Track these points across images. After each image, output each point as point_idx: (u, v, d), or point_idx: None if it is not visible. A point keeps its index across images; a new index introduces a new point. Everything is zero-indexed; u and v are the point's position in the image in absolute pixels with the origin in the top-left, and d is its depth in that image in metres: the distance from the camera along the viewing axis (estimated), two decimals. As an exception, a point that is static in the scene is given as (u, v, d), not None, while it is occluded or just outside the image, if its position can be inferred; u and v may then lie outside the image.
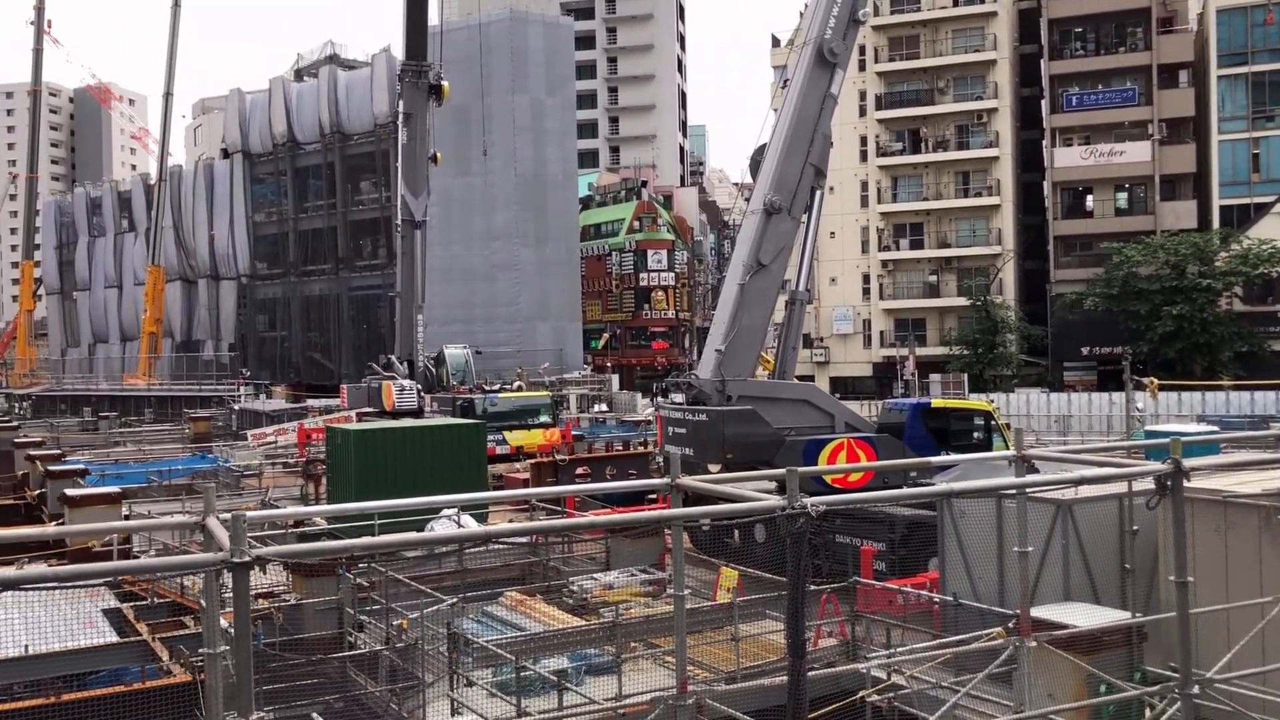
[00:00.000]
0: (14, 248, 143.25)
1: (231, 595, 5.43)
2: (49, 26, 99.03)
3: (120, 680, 14.52)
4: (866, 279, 73.86)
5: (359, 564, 16.80)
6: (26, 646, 14.42)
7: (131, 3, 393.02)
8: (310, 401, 59.71)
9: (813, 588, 14.96)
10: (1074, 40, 69.51)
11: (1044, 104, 69.71)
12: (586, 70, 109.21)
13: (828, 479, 21.05)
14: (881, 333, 73.32)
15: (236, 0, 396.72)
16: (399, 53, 53.10)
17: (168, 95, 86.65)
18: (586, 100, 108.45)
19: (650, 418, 46.41)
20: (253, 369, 76.67)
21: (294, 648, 14.60)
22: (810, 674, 9.34)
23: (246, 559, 5.01)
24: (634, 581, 19.72)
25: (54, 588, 16.25)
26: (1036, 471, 10.73)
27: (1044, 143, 69.78)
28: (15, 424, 49.41)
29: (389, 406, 43.43)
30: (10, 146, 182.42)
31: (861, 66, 70.76)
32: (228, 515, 5.18)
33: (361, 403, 46.72)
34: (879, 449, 23.76)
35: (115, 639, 15.79)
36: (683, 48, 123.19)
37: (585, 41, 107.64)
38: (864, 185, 73.49)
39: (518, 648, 14.08)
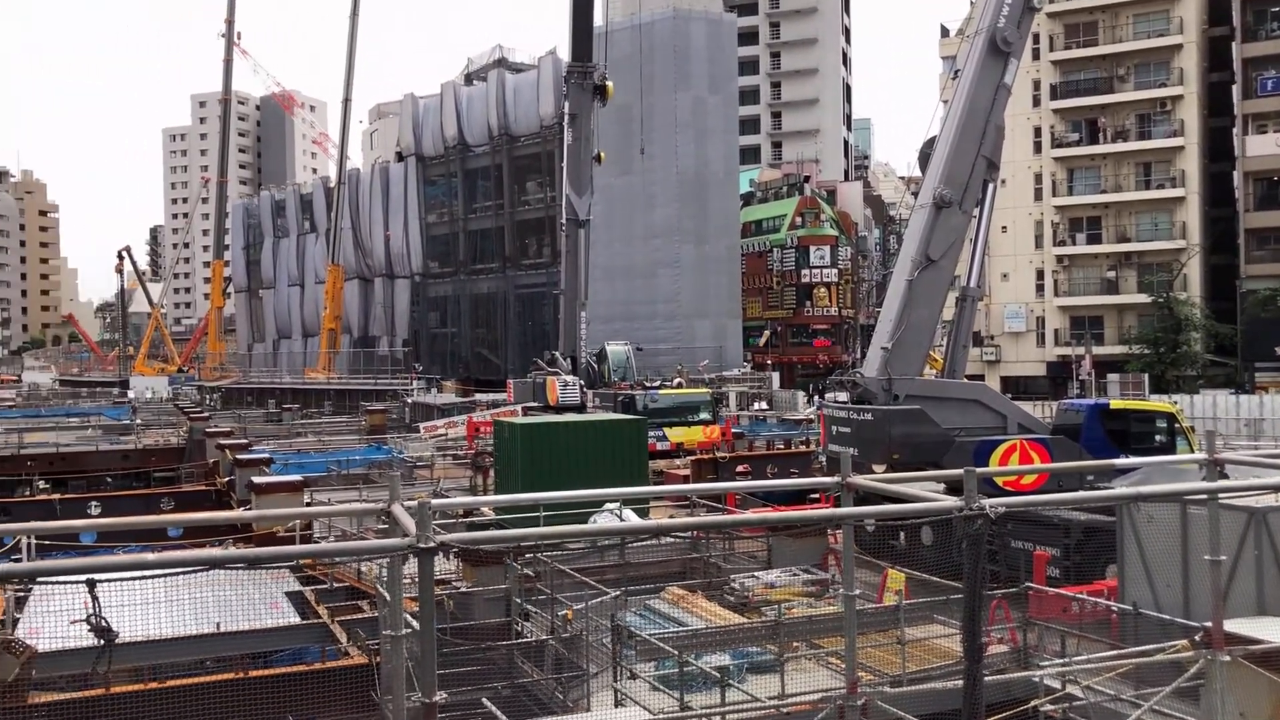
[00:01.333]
0: (206, 248, 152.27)
1: (411, 581, 5.60)
2: (238, 39, 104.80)
3: (301, 660, 15.19)
4: (1040, 275, 71.16)
5: (525, 554, 17.14)
6: (219, 624, 15.25)
7: (313, 14, 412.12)
8: (478, 396, 61.34)
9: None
10: (1270, 21, 65.27)
11: (1235, 89, 65.69)
12: (749, 66, 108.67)
13: (999, 481, 20.39)
14: (1056, 331, 70.54)
15: (410, 8, 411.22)
16: (565, 55, 54.01)
17: (346, 101, 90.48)
18: (749, 96, 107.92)
19: (812, 416, 45.88)
20: (424, 364, 79.32)
21: (464, 634, 15.00)
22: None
23: (431, 544, 5.16)
24: (796, 581, 19.50)
25: (256, 568, 17.15)
26: (1227, 478, 10.12)
27: (1234, 130, 65.78)
28: (206, 415, 52.48)
29: (553, 401, 44.24)
30: (203, 153, 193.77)
31: (1035, 55, 68.14)
32: (412, 502, 5.35)
33: (526, 397, 47.72)
34: (1054, 451, 22.87)
35: (297, 620, 16.54)
36: (848, 41, 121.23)
37: (748, 37, 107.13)
38: (1038, 178, 70.81)
39: (680, 642, 14.09)
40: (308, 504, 23.04)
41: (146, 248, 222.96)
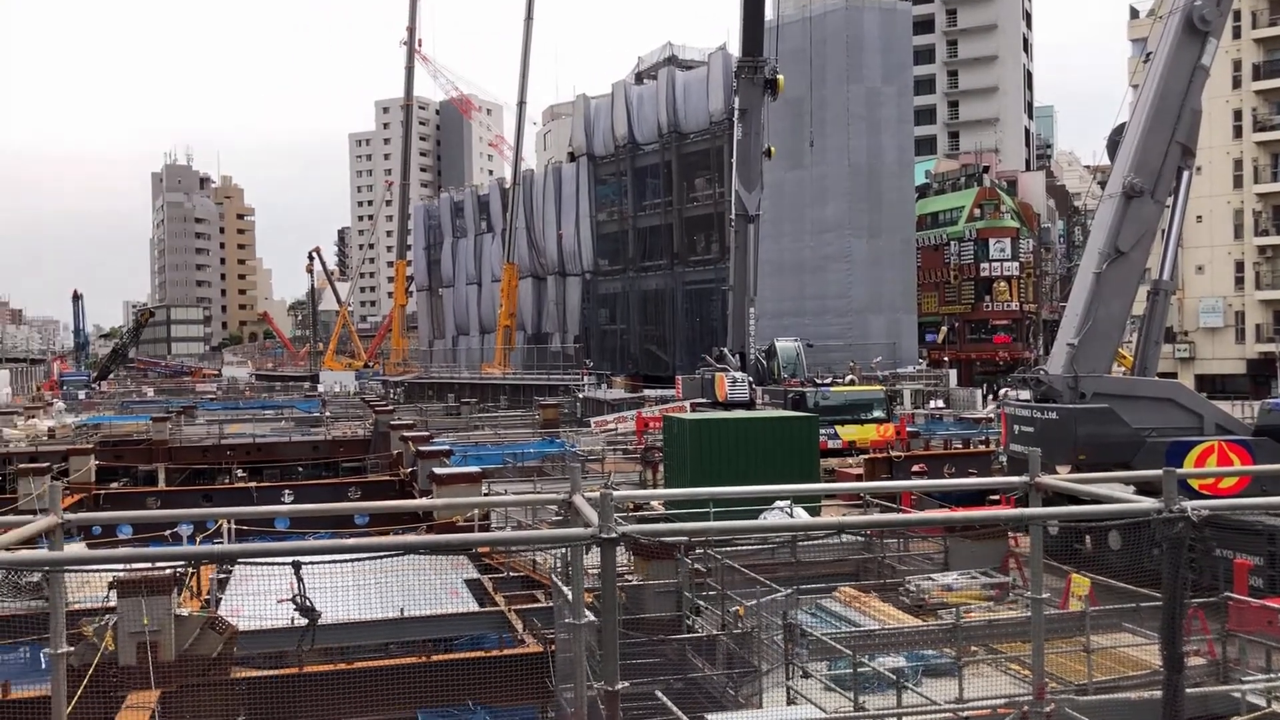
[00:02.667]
0: (389, 249, 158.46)
1: (581, 571, 5.64)
2: (419, 46, 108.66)
3: (479, 646, 15.62)
4: (1240, 267, 66.88)
5: (696, 549, 17.17)
6: (402, 609, 15.83)
7: (489, 19, 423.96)
8: (647, 391, 61.86)
9: (1179, 601, 13.70)
10: None
11: None
12: (924, 55, 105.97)
13: (1194, 485, 19.26)
14: (1257, 326, 66.18)
15: (583, 10, 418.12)
16: (735, 50, 53.85)
17: (521, 104, 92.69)
18: (924, 85, 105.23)
19: (992, 415, 44.44)
20: (595, 360, 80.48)
21: (635, 627, 15.13)
22: (1180, 694, 8.55)
23: (614, 535, 5.21)
24: (974, 584, 18.94)
25: (438, 554, 17.74)
26: None
27: None
28: (390, 408, 54.64)
29: (721, 398, 44.20)
30: (386, 157, 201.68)
31: (1236, 33, 64.09)
32: (593, 494, 5.41)
33: (695, 394, 47.83)
34: (1256, 454, 21.46)
35: (476, 608, 17.02)
36: (1029, 25, 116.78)
37: (923, 25, 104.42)
38: (1237, 164, 66.57)
39: (855, 643, 13.86)
40: (485, 495, 23.67)
41: (335, 249, 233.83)
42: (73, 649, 9.82)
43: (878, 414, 41.87)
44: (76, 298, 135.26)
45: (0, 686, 12.16)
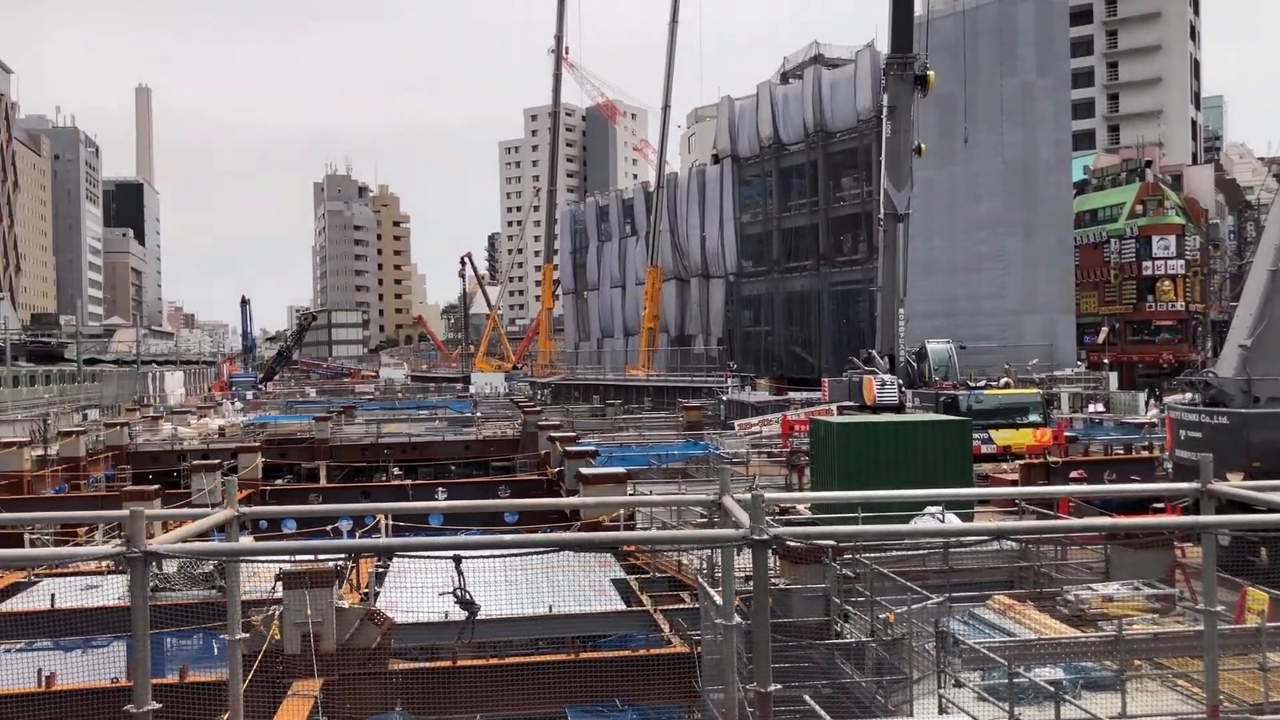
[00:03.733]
0: (537, 253, 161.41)
1: (732, 572, 5.61)
2: (566, 53, 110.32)
3: (626, 645, 15.74)
4: None
5: (845, 554, 16.94)
6: (550, 606, 16.09)
7: (634, 23, 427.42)
8: (792, 394, 61.34)
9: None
10: None
11: None
12: (1082, 47, 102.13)
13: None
14: None
15: (728, 13, 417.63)
16: (883, 47, 52.96)
17: (665, 107, 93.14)
18: (1081, 78, 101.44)
19: (1156, 420, 42.49)
20: (739, 362, 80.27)
21: (782, 631, 15.02)
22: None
23: (765, 536, 5.18)
24: (1138, 595, 18.12)
25: (583, 552, 17.97)
26: None
27: None
28: (538, 409, 55.65)
29: (869, 401, 43.48)
30: (534, 163, 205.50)
31: None
32: (745, 495, 5.39)
33: (842, 396, 47.19)
34: None
35: (623, 607, 17.16)
36: (1196, 12, 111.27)
37: (1080, 16, 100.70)
38: None
39: (1010, 652, 13.45)
40: (631, 495, 23.84)
41: (485, 254, 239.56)
42: (247, 635, 10.31)
43: (1034, 418, 40.50)
44: (244, 303, 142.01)
45: (179, 670, 12.86)
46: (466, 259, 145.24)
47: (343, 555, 14.09)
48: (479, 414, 62.03)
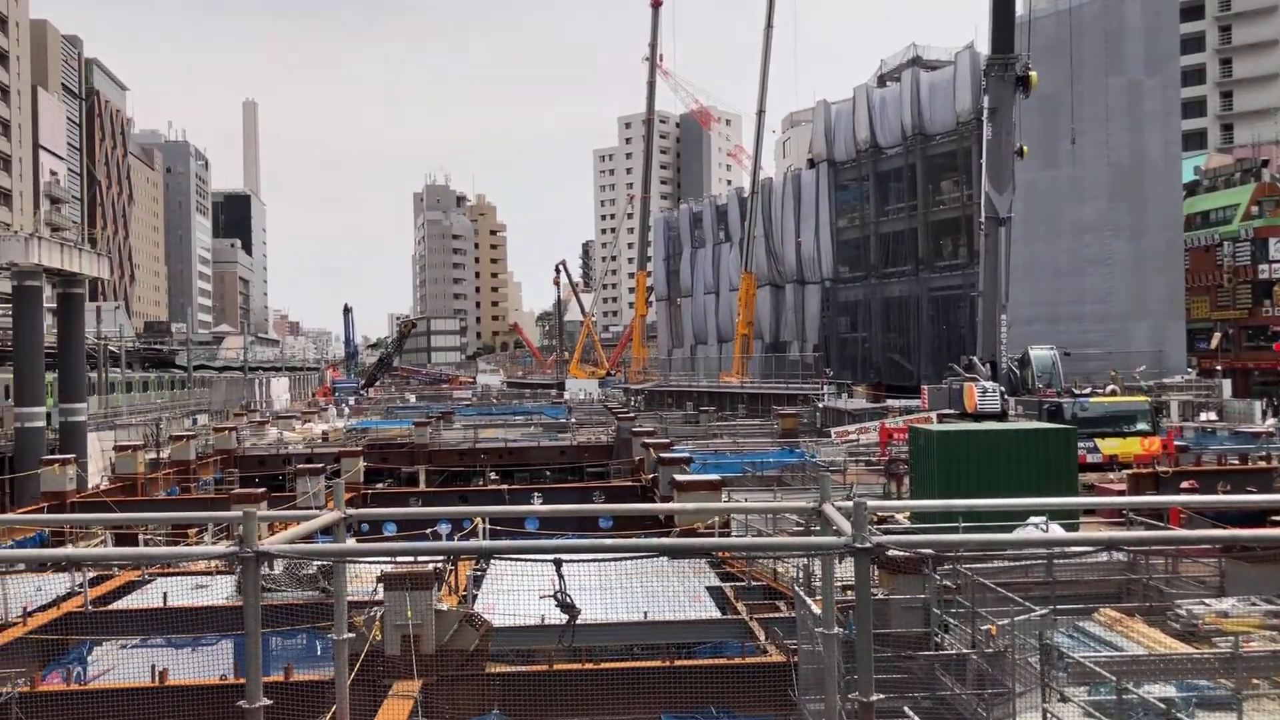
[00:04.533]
0: (630, 260, 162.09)
1: (832, 580, 5.52)
2: (660, 60, 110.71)
3: (721, 653, 15.68)
4: None
5: (945, 564, 16.63)
6: (645, 613, 16.10)
7: (729, 29, 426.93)
8: (890, 401, 60.52)
9: None
10: None
11: None
12: (1192, 43, 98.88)
13: None
14: None
15: (823, 16, 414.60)
16: (983, 48, 51.99)
17: (760, 112, 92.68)
18: (1192, 76, 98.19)
19: (1274, 429, 40.87)
20: (835, 369, 79.47)
21: (881, 642, 14.79)
22: None
23: (868, 544, 5.09)
24: (1255, 611, 17.41)
25: (677, 559, 17.96)
26: None
27: None
28: (632, 415, 55.83)
29: (970, 408, 42.63)
30: (628, 171, 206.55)
31: None
32: (846, 503, 5.31)
33: (942, 404, 46.37)
34: None
35: (718, 615, 17.11)
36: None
37: (1191, 12, 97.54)
38: None
39: (1118, 668, 13.04)
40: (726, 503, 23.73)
41: (579, 261, 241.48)
42: (353, 635, 10.52)
43: (1142, 426, 39.28)
44: (347, 310, 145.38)
45: (284, 669, 13.17)
46: (561, 266, 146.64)
47: (442, 557, 14.29)
48: (573, 420, 62.46)
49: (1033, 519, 19.40)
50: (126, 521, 26.16)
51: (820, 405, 65.05)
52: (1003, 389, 43.81)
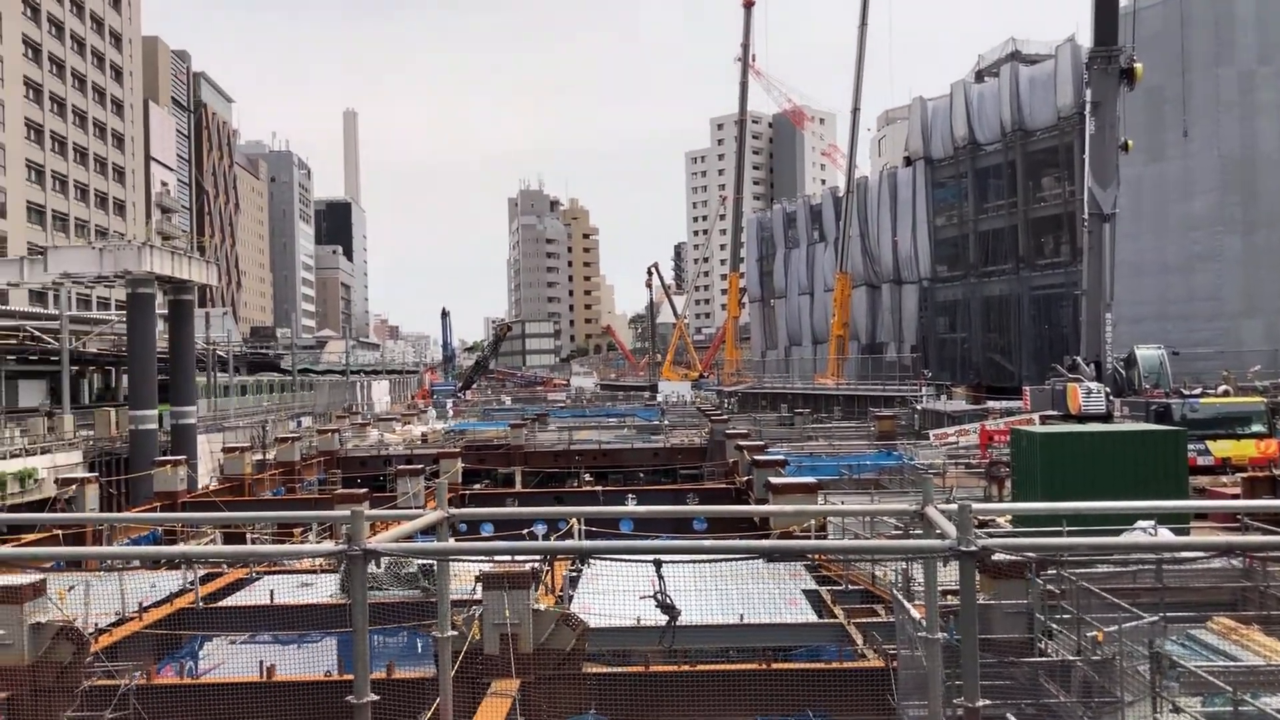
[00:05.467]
0: (723, 261, 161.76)
1: (935, 584, 5.42)
2: (753, 60, 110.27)
3: (818, 657, 15.54)
4: None
5: (1048, 569, 16.24)
6: (741, 615, 16.04)
7: (821, 27, 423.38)
8: (990, 403, 59.31)
9: None
10: None
11: None
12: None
13: None
14: None
15: (918, 13, 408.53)
16: (1085, 40, 50.73)
17: (855, 111, 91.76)
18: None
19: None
20: (933, 370, 78.22)
21: (983, 648, 14.50)
22: None
23: (973, 548, 4.99)
24: (1381, 622, 16.65)
25: (775, 561, 17.86)
26: None
27: None
28: (725, 417, 55.70)
29: (1074, 410, 41.57)
30: (720, 172, 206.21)
31: None
32: (950, 505, 5.21)
33: (1044, 405, 45.31)
34: None
35: (814, 619, 16.96)
36: None
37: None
38: None
39: (1235, 678, 12.58)
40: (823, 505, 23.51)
41: (672, 263, 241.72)
42: (455, 633, 10.66)
43: (1257, 428, 37.81)
44: (444, 315, 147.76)
45: (386, 666, 13.44)
46: (653, 269, 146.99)
47: (539, 558, 14.43)
48: (666, 422, 62.54)
49: (1140, 523, 18.82)
50: (237, 521, 26.98)
51: (918, 407, 64.06)
52: (1108, 390, 42.63)
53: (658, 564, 6.55)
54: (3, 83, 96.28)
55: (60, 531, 25.80)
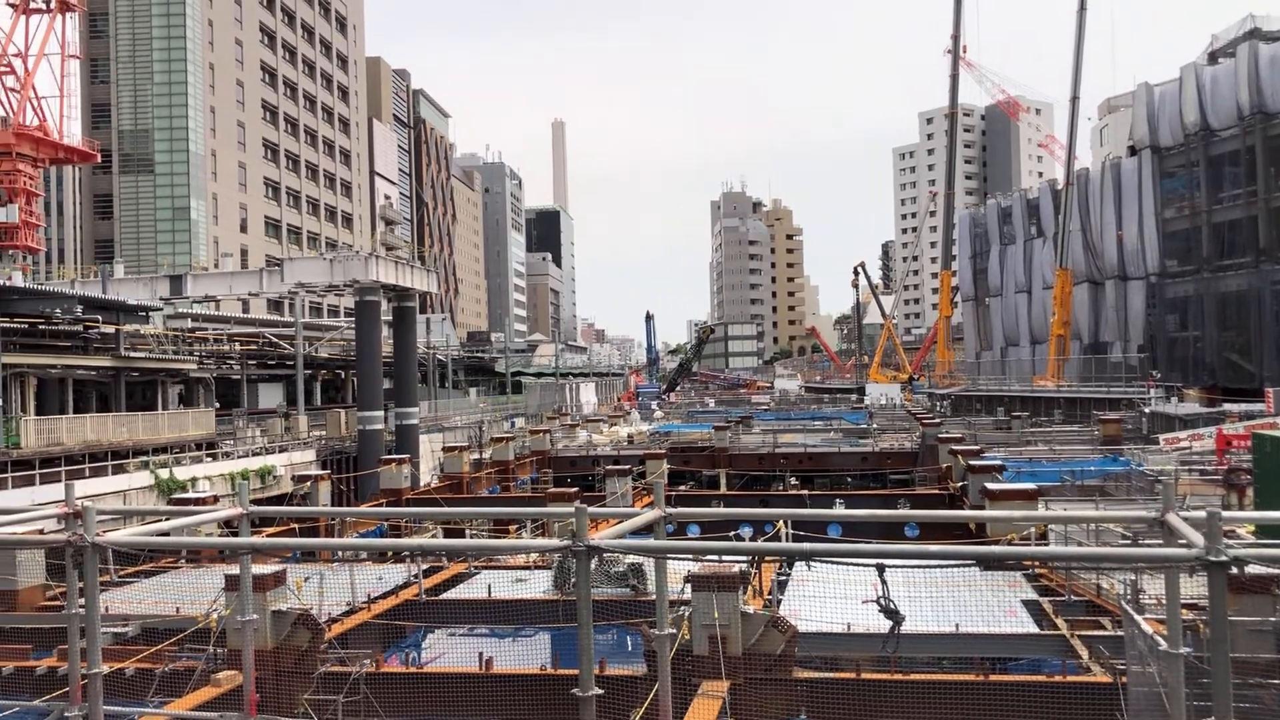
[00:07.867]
0: (934, 260, 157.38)
1: (1178, 595, 5.05)
2: (964, 52, 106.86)
3: (1039, 670, 14.88)
4: None
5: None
6: (957, 625, 15.53)
7: (1037, 14, 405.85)
8: (1227, 405, 55.41)
9: None
10: None
11: None
12: None
13: None
14: None
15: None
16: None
17: (1074, 100, 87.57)
18: None
19: None
20: (1163, 370, 73.84)
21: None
22: None
23: (1224, 558, 4.65)
24: None
25: (991, 570, 17.23)
26: None
27: None
28: (938, 421, 54.11)
29: (1325, 413, 38.35)
30: (930, 168, 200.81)
31: None
32: (1196, 513, 4.86)
33: (1291, 408, 41.99)
34: None
35: (1035, 630, 16.25)
36: None
37: None
38: None
39: None
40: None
41: (879, 263, 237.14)
42: (673, 631, 10.77)
43: None
44: (649, 318, 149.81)
45: (599, 663, 13.70)
46: (860, 268, 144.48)
47: (746, 560, 14.39)
48: (875, 425, 61.32)
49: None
50: (462, 516, 28.08)
51: (1147, 410, 60.49)
52: (1365, 392, 39.12)
53: (880, 568, 6.40)
54: (244, 106, 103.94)
55: (295, 525, 27.59)
